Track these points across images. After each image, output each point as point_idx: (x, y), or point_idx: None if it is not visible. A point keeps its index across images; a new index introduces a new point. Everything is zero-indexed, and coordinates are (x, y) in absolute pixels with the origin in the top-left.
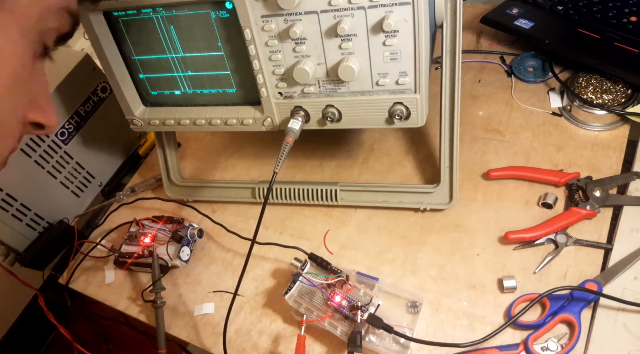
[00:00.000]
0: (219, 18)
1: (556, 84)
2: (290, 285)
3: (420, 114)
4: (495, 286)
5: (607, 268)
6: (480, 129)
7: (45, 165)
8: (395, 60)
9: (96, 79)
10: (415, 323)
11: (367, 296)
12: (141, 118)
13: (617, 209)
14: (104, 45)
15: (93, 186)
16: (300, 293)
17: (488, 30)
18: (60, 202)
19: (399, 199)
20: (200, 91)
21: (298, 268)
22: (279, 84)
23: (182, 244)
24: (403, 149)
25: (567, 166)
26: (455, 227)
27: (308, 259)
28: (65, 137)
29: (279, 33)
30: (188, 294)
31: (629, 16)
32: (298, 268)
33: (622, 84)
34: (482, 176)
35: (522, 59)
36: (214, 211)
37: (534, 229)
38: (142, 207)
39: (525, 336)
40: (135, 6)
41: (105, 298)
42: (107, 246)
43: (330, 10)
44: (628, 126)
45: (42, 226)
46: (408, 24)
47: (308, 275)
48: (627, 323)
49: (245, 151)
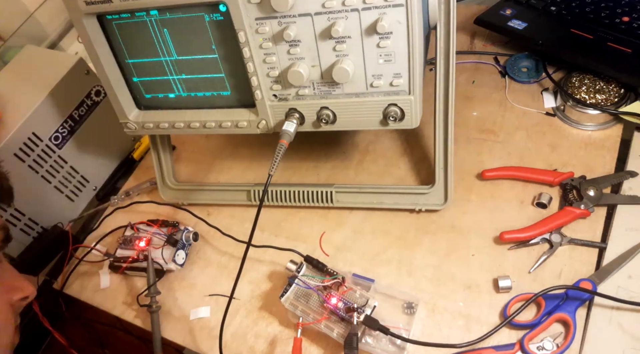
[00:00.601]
0: (213, 21)
1: (550, 84)
2: (286, 288)
3: (415, 116)
4: (491, 286)
5: (602, 267)
6: (475, 130)
7: (39, 170)
8: (389, 62)
9: (90, 83)
10: (412, 323)
11: (363, 297)
12: (135, 121)
13: (611, 208)
14: (98, 49)
15: (87, 190)
16: (296, 295)
17: (482, 31)
18: (54, 206)
19: (394, 200)
20: (195, 94)
21: (294, 271)
22: (273, 87)
23: (177, 248)
24: (398, 150)
25: (561, 166)
26: (450, 228)
27: (304, 261)
28: (59, 141)
29: (273, 35)
30: (184, 298)
31: (622, 16)
32: (294, 270)
33: (615, 83)
34: (477, 176)
35: (515, 59)
36: (209, 214)
37: (528, 229)
38: (137, 211)
39: (521, 335)
40: (128, 9)
41: (100, 303)
42: (102, 250)
43: (324, 12)
44: (621, 125)
45: (37, 231)
46: (402, 26)
47: (304, 277)
48: (622, 322)
49: (240, 153)
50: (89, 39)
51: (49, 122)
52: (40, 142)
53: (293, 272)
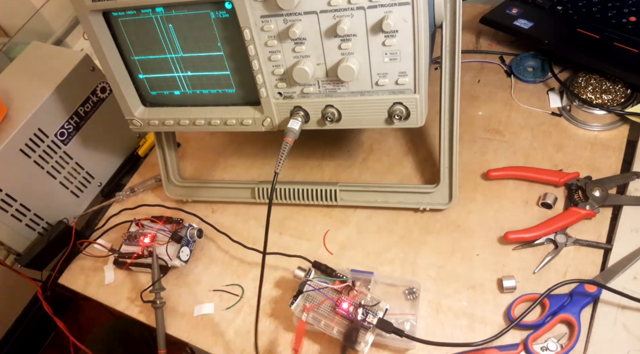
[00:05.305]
0: (219, 18)
1: (555, 84)
2: (295, 296)
3: (420, 114)
4: (495, 286)
5: (607, 268)
6: (480, 129)
7: (44, 165)
8: (394, 60)
9: (96, 79)
10: (416, 308)
11: (374, 301)
12: (140, 118)
13: (616, 209)
14: (104, 46)
15: (92, 186)
16: (305, 302)
17: (487, 31)
18: (59, 202)
19: (398, 199)
20: (200, 91)
21: (303, 277)
22: (278, 84)
23: (182, 245)
24: (402, 149)
25: (567, 166)
26: (454, 227)
27: (312, 267)
28: (65, 137)
29: (279, 33)
30: (188, 294)
31: (629, 16)
32: (302, 277)
33: (621, 84)
34: (482, 176)
35: (521, 59)
36: (214, 211)
37: (533, 229)
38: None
39: (525, 336)
40: (134, 6)
41: (105, 299)
42: (106, 246)
43: (330, 10)
44: (627, 126)
45: (42, 226)
46: (407, 24)
47: (313, 284)
48: (627, 323)
49: (244, 151)
50: (95, 36)
51: (54, 119)
52: (46, 138)
53: (302, 278)
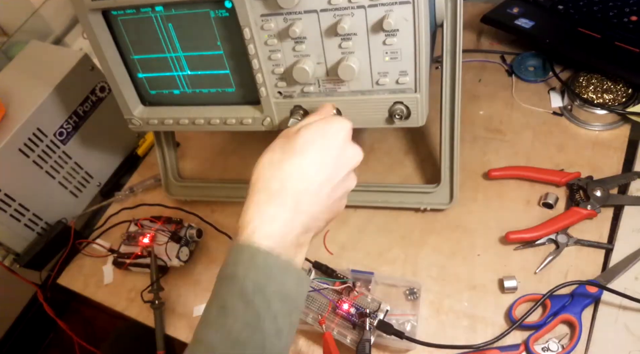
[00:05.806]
0: (218, 17)
1: (557, 84)
2: None
3: (421, 114)
4: (496, 287)
5: (608, 268)
6: (481, 129)
7: (43, 165)
8: (395, 59)
9: (95, 79)
10: (417, 308)
11: (375, 302)
12: (140, 118)
13: (618, 209)
14: (103, 45)
15: (92, 186)
16: (305, 303)
17: (488, 30)
18: (58, 202)
19: (399, 199)
20: (199, 91)
21: None
22: (278, 84)
23: (181, 245)
24: (403, 148)
25: (568, 166)
26: (455, 227)
27: (312, 267)
28: (64, 137)
29: (279, 32)
30: (187, 294)
31: (630, 15)
32: None
33: (622, 83)
34: (483, 175)
35: (522, 58)
36: (213, 211)
37: (534, 229)
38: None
39: (526, 336)
40: (133, 5)
41: (104, 299)
42: (105, 246)
43: (330, 9)
44: (629, 125)
45: (41, 226)
46: (408, 23)
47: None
48: (628, 323)
49: (244, 150)
50: (94, 35)
51: (53, 118)
52: (45, 137)
53: None
